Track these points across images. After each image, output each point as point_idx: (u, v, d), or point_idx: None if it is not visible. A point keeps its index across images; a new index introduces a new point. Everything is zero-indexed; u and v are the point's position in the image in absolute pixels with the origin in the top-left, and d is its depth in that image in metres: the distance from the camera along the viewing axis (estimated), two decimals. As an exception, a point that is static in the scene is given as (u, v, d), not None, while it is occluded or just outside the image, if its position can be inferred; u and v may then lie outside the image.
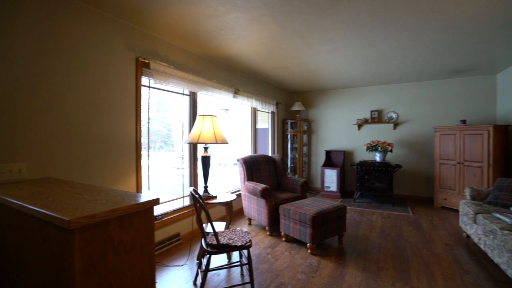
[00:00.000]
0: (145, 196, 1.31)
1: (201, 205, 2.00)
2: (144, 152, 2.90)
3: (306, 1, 2.35)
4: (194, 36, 3.05)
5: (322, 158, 6.33)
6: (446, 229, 3.76)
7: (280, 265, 2.71)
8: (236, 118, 5.89)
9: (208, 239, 2.17)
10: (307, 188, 4.11)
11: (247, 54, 3.73)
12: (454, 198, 4.66)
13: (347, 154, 6.14)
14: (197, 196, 2.08)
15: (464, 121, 4.72)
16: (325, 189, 5.72)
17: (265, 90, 5.61)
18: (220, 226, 2.85)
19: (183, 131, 3.63)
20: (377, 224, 3.98)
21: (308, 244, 2.95)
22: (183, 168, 3.68)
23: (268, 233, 3.52)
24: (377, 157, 5.21)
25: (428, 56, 3.83)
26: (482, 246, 2.81)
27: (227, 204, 2.72)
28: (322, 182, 5.74)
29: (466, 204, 3.31)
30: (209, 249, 2.05)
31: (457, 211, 4.63)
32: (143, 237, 1.22)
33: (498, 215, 2.73)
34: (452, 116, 5.20)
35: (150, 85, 3.01)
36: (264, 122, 6.12)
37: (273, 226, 3.50)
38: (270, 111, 5.99)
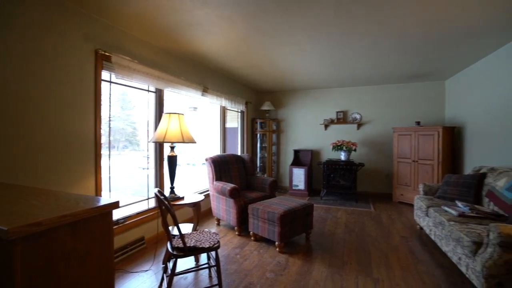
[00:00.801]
0: (103, 199, 1.21)
1: (166, 207, 1.92)
2: (105, 152, 2.71)
3: (276, 3, 2.36)
4: (161, 30, 2.92)
5: (290, 157, 6.46)
6: (402, 222, 4.04)
7: (249, 264, 2.70)
8: (205, 117, 5.78)
9: (174, 242, 2.09)
10: (276, 187, 4.16)
11: (216, 52, 3.67)
12: (410, 194, 5.03)
13: (314, 153, 6.33)
14: (162, 197, 1.99)
15: (418, 123, 5.12)
16: (293, 188, 5.84)
17: (235, 89, 5.58)
18: (187, 227, 2.76)
19: (148, 130, 3.46)
20: (342, 220, 4.15)
21: (276, 243, 2.98)
22: (148, 169, 3.52)
23: (237, 233, 3.50)
24: (342, 156, 5.44)
25: (387, 61, 4.08)
26: (432, 237, 3.07)
27: (195, 205, 2.65)
28: (291, 181, 5.86)
29: (420, 199, 3.59)
30: (175, 253, 1.98)
31: (412, 205, 5.00)
32: (100, 244, 1.13)
33: (446, 208, 3.00)
34: (409, 118, 5.60)
35: (112, 80, 2.82)
36: (234, 121, 6.08)
37: (242, 225, 3.48)
38: (239, 110, 5.96)
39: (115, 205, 1.18)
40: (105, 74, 2.72)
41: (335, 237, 3.46)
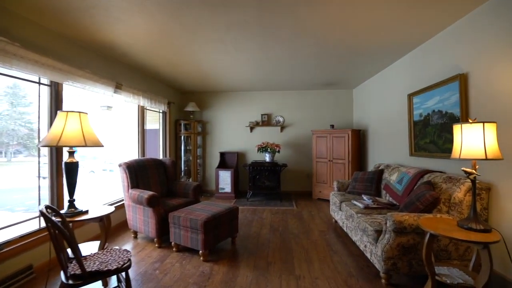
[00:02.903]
0: None
1: (55, 226, 1.54)
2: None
3: (194, -6, 2.22)
4: (55, 10, 2.41)
5: (216, 160, 6.33)
6: (321, 217, 4.39)
7: (170, 279, 2.45)
8: (123, 117, 5.14)
9: (70, 269, 1.71)
10: (201, 192, 3.96)
11: (131, 44, 3.27)
12: (326, 190, 5.54)
13: (240, 155, 6.37)
14: (51, 214, 1.60)
15: (332, 126, 5.69)
16: (220, 191, 5.73)
17: (156, 87, 5.14)
18: (92, 247, 2.34)
19: (38, 130, 2.82)
20: (267, 220, 4.25)
21: (200, 251, 2.81)
22: (45, 178, 2.87)
23: (157, 245, 3.17)
24: (267, 157, 5.61)
25: (305, 69, 4.39)
26: (345, 229, 3.40)
27: (101, 220, 2.25)
28: (217, 184, 5.73)
29: (334, 195, 3.95)
30: (70, 282, 1.61)
31: (329, 201, 5.51)
32: None
33: (354, 202, 3.36)
34: (325, 121, 6.19)
35: (-21, 67, 2.17)
36: (155, 122, 5.60)
37: (163, 236, 3.18)
38: (161, 111, 5.53)
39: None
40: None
41: (260, 238, 3.49)
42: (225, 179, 5.70)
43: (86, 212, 2.25)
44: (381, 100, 4.60)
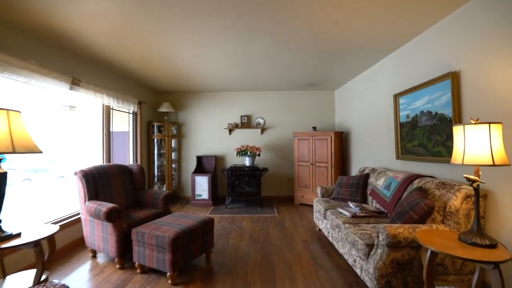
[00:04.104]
0: None
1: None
2: None
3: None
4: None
5: (193, 165, 5.91)
6: (304, 225, 4.12)
7: (128, 311, 2.05)
8: (88, 118, 4.60)
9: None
10: (176, 199, 3.56)
11: (89, 33, 2.82)
12: (309, 195, 5.29)
13: (219, 159, 5.99)
14: None
15: (315, 128, 5.47)
16: (197, 198, 5.32)
17: (124, 86, 4.66)
18: (26, 279, 1.88)
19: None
20: (246, 230, 3.91)
21: (168, 273, 2.42)
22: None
23: (118, 266, 2.73)
24: (247, 161, 5.28)
25: (287, 66, 4.12)
26: (330, 239, 3.14)
27: (37, 244, 1.81)
28: (193, 190, 5.32)
29: (318, 201, 3.69)
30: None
31: (311, 206, 5.26)
32: None
33: (340, 210, 3.11)
34: (307, 123, 5.96)
35: None
36: (124, 124, 5.11)
37: (126, 255, 2.75)
38: (131, 112, 5.04)
39: None
40: None
41: (239, 252, 3.14)
42: (202, 185, 5.30)
43: (18, 235, 1.80)
44: (365, 101, 4.43)
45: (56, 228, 2.01)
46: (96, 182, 3.05)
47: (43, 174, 5.37)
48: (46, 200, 4.73)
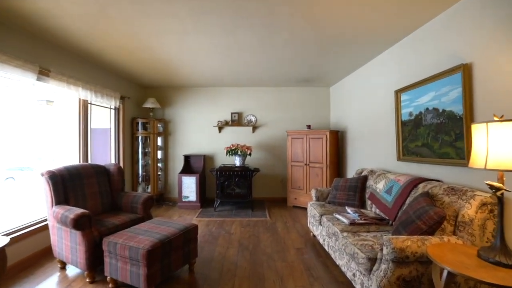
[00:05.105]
0: None
1: None
2: None
3: None
4: None
5: (180, 164, 5.58)
6: (297, 230, 3.85)
7: (92, 338, 1.74)
8: (67, 114, 4.22)
9: None
10: (155, 204, 3.24)
11: (56, 16, 2.48)
12: (303, 197, 5.04)
13: (208, 159, 5.68)
14: None
15: (309, 126, 5.21)
16: (183, 200, 5.00)
17: (104, 79, 4.30)
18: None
19: None
20: (235, 236, 3.62)
21: (143, 290, 2.11)
22: None
23: (88, 279, 2.41)
24: (237, 161, 4.99)
25: (280, 59, 3.84)
26: (326, 247, 2.88)
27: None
28: (180, 191, 5.00)
29: (313, 206, 3.43)
30: None
31: (305, 209, 5.00)
32: None
33: (337, 216, 2.85)
34: (301, 121, 5.69)
35: None
36: (105, 120, 4.76)
37: (98, 267, 2.43)
38: (112, 107, 4.68)
39: None
40: None
41: (226, 262, 2.85)
42: (190, 186, 4.99)
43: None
44: (363, 98, 4.18)
45: (5, 240, 1.68)
46: (66, 184, 2.72)
47: (29, 172, 4.98)
48: (26, 201, 4.34)
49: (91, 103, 4.06)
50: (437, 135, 2.53)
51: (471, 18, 2.16)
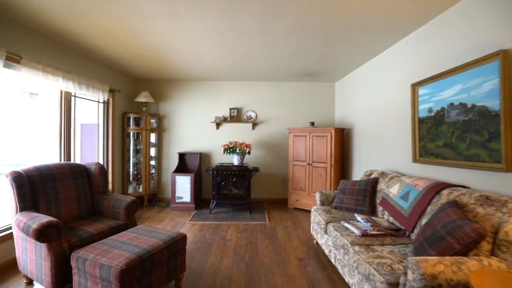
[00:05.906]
0: None
1: None
2: None
3: None
4: None
5: (174, 162, 5.24)
6: (299, 236, 3.51)
7: None
8: (52, 107, 3.87)
9: None
10: (155, 201, 2.90)
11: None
12: (305, 199, 4.69)
13: (204, 157, 5.33)
14: None
15: (312, 123, 4.85)
16: (177, 201, 4.66)
17: (90, 69, 3.94)
18: None
19: None
20: (231, 243, 3.28)
21: (116, 316, 1.77)
22: None
23: (56, 298, 2.07)
24: (235, 160, 4.64)
25: (283, 49, 3.46)
26: (332, 260, 2.54)
27: None
28: (173, 191, 4.66)
29: (317, 211, 3.08)
30: None
31: (307, 211, 4.67)
32: None
33: (346, 225, 2.51)
34: (304, 118, 5.34)
35: None
36: (93, 115, 4.42)
37: (67, 286, 2.09)
38: (101, 100, 4.33)
39: None
40: None
41: (218, 276, 2.51)
42: (184, 186, 4.65)
43: None
44: (373, 93, 3.82)
45: None
46: (36, 187, 2.38)
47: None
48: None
49: (75, 96, 3.70)
50: (464, 134, 2.18)
51: (513, -7, 1.80)
